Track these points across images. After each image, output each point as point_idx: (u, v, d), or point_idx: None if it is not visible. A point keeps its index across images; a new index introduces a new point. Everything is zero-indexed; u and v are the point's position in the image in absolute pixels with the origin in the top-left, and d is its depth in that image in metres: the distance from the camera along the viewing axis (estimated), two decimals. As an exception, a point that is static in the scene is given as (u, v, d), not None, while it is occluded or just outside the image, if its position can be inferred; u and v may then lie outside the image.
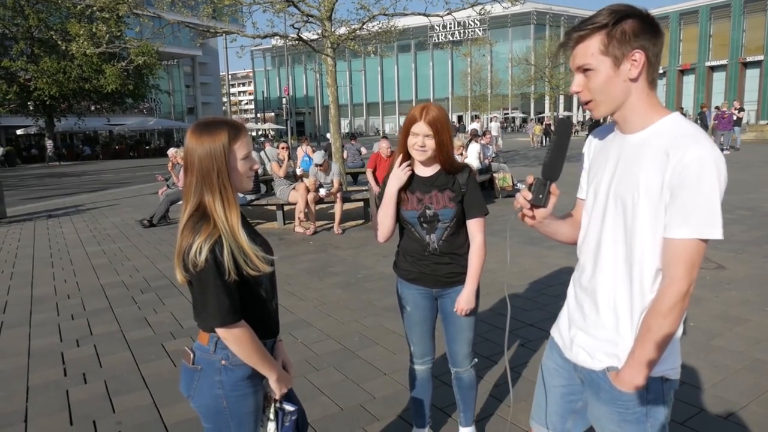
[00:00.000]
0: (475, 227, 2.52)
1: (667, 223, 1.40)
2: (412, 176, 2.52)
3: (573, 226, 1.74)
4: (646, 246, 1.45)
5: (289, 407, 1.80)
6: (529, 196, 1.55)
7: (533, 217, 1.59)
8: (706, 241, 1.38)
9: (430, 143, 2.40)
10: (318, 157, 8.87)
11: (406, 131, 2.45)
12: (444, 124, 2.40)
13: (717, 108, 21.74)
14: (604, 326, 1.57)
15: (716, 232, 1.36)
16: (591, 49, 1.44)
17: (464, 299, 2.51)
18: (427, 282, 2.57)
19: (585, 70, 1.47)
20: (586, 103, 1.51)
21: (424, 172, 2.53)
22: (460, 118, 67.10)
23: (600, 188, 1.57)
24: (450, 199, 2.48)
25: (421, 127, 2.39)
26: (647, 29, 1.42)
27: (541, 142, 31.53)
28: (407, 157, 2.49)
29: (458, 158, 3.13)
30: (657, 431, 1.56)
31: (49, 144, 36.09)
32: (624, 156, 1.51)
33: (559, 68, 45.04)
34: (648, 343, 1.44)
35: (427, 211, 2.49)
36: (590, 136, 1.72)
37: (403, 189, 2.52)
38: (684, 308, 1.41)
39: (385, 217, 2.53)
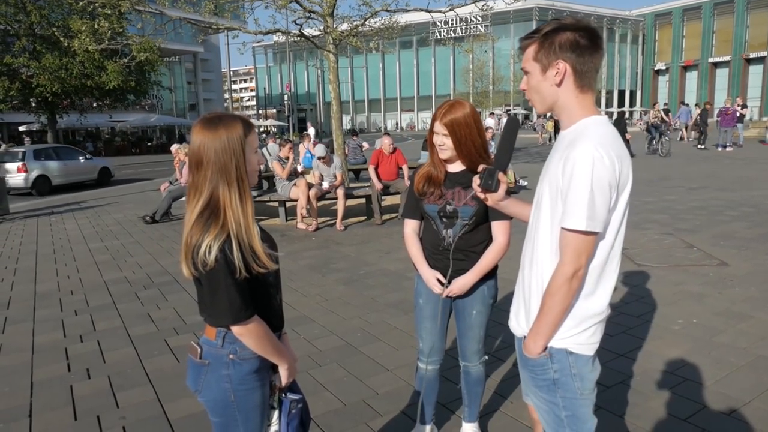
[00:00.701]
0: (499, 229, 2.52)
1: (561, 213, 1.59)
2: (446, 171, 2.55)
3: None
4: (546, 232, 1.67)
5: (293, 396, 1.83)
6: (478, 181, 1.81)
7: (486, 200, 1.86)
8: (588, 233, 1.54)
9: (448, 142, 2.43)
10: (320, 150, 8.88)
11: (431, 127, 2.51)
12: (464, 124, 2.40)
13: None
14: (524, 296, 1.79)
15: (582, 224, 1.52)
16: (528, 55, 1.67)
17: (458, 285, 2.51)
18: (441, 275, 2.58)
19: (525, 72, 1.70)
20: (529, 99, 1.73)
21: (452, 167, 2.54)
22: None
23: (541, 179, 1.77)
24: (473, 197, 2.45)
25: (438, 127, 2.44)
26: (576, 46, 1.59)
27: (550, 139, 30.50)
28: (434, 154, 2.53)
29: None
30: (572, 405, 1.70)
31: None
32: (553, 151, 1.72)
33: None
34: (542, 316, 1.65)
35: (448, 207, 2.50)
36: None
37: (428, 182, 2.54)
38: (572, 289, 1.58)
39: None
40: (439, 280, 2.53)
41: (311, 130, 8.90)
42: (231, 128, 1.63)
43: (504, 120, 26.49)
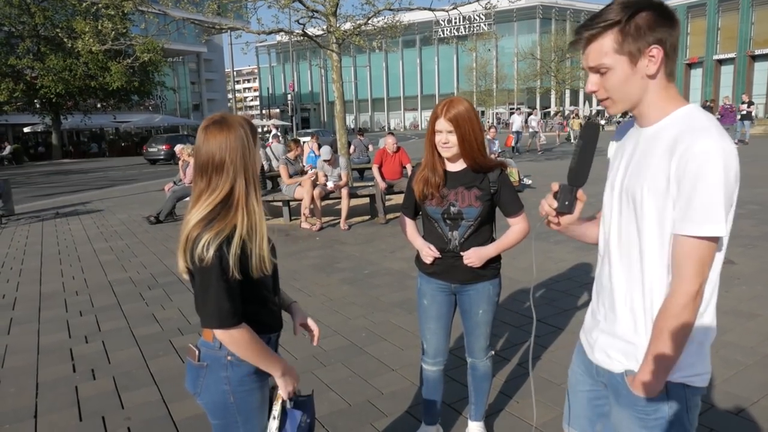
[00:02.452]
0: (518, 218, 2.54)
1: (675, 219, 1.35)
2: (444, 172, 2.50)
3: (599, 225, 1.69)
4: (654, 242, 1.41)
5: (295, 412, 1.77)
6: (555, 204, 1.51)
7: (558, 224, 1.57)
8: (715, 238, 1.32)
9: (453, 139, 2.38)
10: (325, 152, 8.88)
11: (431, 127, 2.44)
12: (467, 118, 2.36)
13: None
14: (621, 326, 1.52)
15: (716, 229, 1.30)
16: (605, 48, 1.38)
17: (478, 254, 2.47)
18: (446, 277, 2.56)
19: (599, 70, 1.42)
20: (602, 100, 1.47)
21: (453, 167, 2.50)
22: (482, 113, 66.43)
23: (615, 183, 1.53)
24: (476, 197, 2.44)
25: (442, 124, 2.38)
26: (662, 20, 1.35)
27: (569, 138, 29.30)
28: (433, 155, 2.47)
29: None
30: None
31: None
32: (637, 149, 1.47)
33: (565, 63, 44.82)
34: (661, 346, 1.37)
35: (452, 209, 2.47)
36: (613, 140, 1.67)
37: (428, 185, 2.50)
38: (696, 308, 1.35)
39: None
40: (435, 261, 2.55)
41: (325, 152, 8.92)
42: (244, 128, 1.65)
43: (534, 117, 25.14)
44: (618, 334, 1.53)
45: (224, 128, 1.63)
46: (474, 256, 2.47)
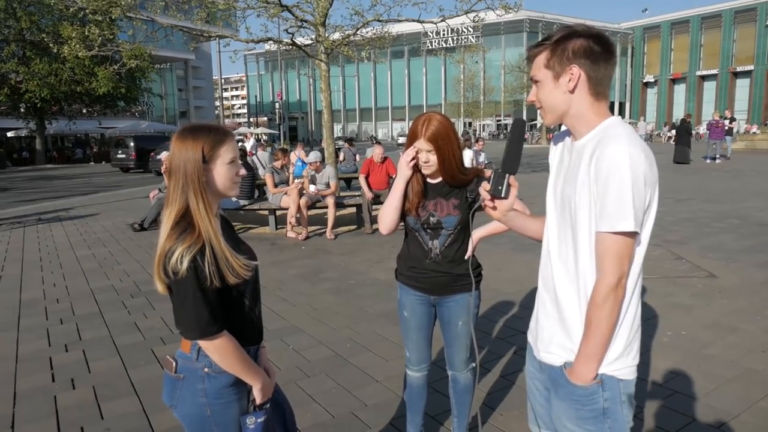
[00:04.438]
0: None
1: (596, 218, 1.49)
2: (424, 183, 2.50)
3: (543, 224, 1.81)
4: (584, 242, 1.55)
5: (256, 418, 1.73)
6: (488, 187, 1.67)
7: (494, 208, 1.71)
8: (628, 234, 1.45)
9: (433, 158, 2.39)
10: (313, 155, 8.90)
11: (409, 145, 2.43)
12: (446, 137, 2.37)
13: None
14: (559, 321, 1.64)
15: (627, 225, 1.43)
16: (539, 63, 1.59)
17: (477, 235, 2.52)
18: (425, 289, 2.56)
19: (535, 81, 1.62)
20: (539, 109, 1.64)
21: (431, 179, 2.52)
22: (469, 124, 66.37)
23: (556, 191, 1.68)
24: (455, 206, 2.47)
25: (422, 144, 2.38)
26: (589, 52, 1.53)
27: None
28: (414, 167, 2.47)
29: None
30: None
31: None
32: (571, 160, 1.62)
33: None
34: (590, 336, 1.51)
35: (431, 218, 2.48)
36: (552, 144, 1.82)
37: (410, 202, 2.49)
38: (617, 300, 1.48)
39: (390, 209, 2.50)
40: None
41: (312, 155, 8.90)
42: (198, 140, 1.63)
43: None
44: (556, 330, 1.66)
45: (179, 138, 1.64)
46: (475, 236, 2.52)
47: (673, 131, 27.19)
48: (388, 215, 2.51)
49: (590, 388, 1.56)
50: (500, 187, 1.65)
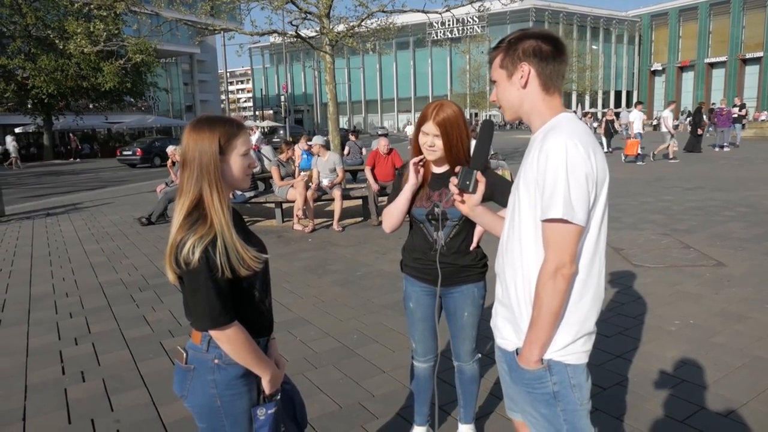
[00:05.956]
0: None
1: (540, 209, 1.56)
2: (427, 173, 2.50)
3: None
4: (527, 230, 1.62)
5: (266, 409, 1.75)
6: (455, 181, 1.77)
7: (463, 202, 1.82)
8: (564, 221, 1.49)
9: (439, 143, 2.39)
10: (316, 138, 8.97)
11: (418, 128, 2.44)
12: (455, 124, 2.37)
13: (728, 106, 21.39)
14: (510, 308, 1.71)
15: (555, 212, 1.48)
16: (495, 64, 1.71)
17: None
18: (431, 280, 2.56)
19: (493, 81, 1.73)
20: (500, 108, 1.74)
21: (437, 169, 2.52)
22: (475, 114, 65.97)
23: (517, 183, 1.73)
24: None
25: (430, 127, 2.38)
26: (538, 51, 1.62)
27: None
28: (419, 153, 2.47)
29: None
30: (572, 417, 1.64)
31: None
32: (526, 154, 1.68)
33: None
34: (536, 321, 1.57)
35: (436, 209, 2.48)
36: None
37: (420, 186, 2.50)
38: (557, 288, 1.51)
39: (396, 212, 2.51)
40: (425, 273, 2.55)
41: (318, 138, 8.93)
42: (215, 131, 1.63)
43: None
44: (508, 316, 1.73)
45: (194, 130, 1.64)
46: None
47: (689, 119, 25.92)
48: (393, 217, 2.53)
49: (537, 372, 1.62)
50: (468, 182, 1.75)
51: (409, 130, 39.87)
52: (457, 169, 1.76)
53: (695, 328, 4.21)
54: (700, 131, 19.38)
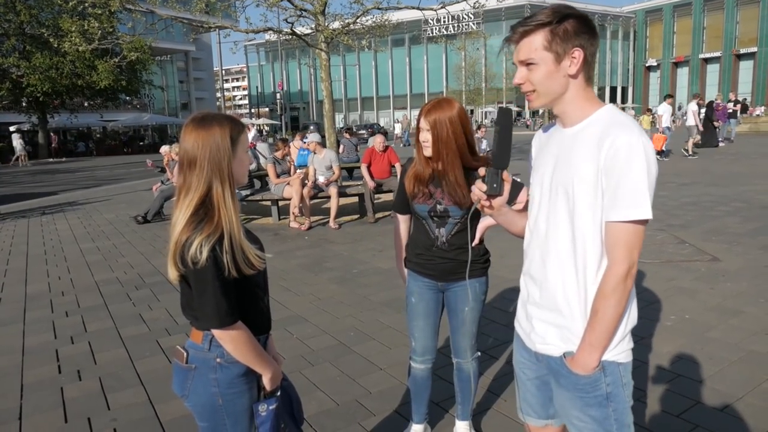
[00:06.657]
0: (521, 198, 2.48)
1: (605, 207, 1.47)
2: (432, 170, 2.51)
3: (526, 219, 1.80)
4: (587, 231, 1.52)
5: (268, 405, 1.75)
6: (484, 187, 1.61)
7: (491, 207, 1.66)
8: (642, 222, 1.44)
9: (431, 139, 2.41)
10: (312, 136, 8.95)
11: (418, 123, 2.49)
12: (444, 121, 2.37)
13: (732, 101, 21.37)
14: (557, 313, 1.62)
15: (643, 213, 1.42)
16: (535, 45, 1.52)
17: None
18: (433, 275, 2.57)
19: (528, 63, 1.54)
20: (527, 93, 1.59)
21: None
22: (471, 111, 65.72)
23: (544, 180, 1.65)
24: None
25: (422, 122, 2.43)
26: (586, 30, 1.51)
27: None
28: (420, 148, 2.49)
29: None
30: (621, 415, 1.61)
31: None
32: (563, 147, 1.59)
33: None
34: (596, 326, 1.50)
35: (438, 206, 2.48)
36: (536, 135, 1.80)
37: (418, 182, 2.51)
38: (626, 290, 1.47)
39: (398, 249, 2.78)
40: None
41: (313, 135, 8.97)
42: (225, 126, 1.63)
43: (666, 108, 17.71)
44: (553, 320, 1.64)
45: (202, 126, 1.62)
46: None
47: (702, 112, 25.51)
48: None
49: (593, 376, 1.56)
50: (495, 185, 1.60)
51: (398, 128, 39.99)
52: (482, 172, 1.61)
53: (691, 322, 4.22)
54: (715, 123, 19.35)
